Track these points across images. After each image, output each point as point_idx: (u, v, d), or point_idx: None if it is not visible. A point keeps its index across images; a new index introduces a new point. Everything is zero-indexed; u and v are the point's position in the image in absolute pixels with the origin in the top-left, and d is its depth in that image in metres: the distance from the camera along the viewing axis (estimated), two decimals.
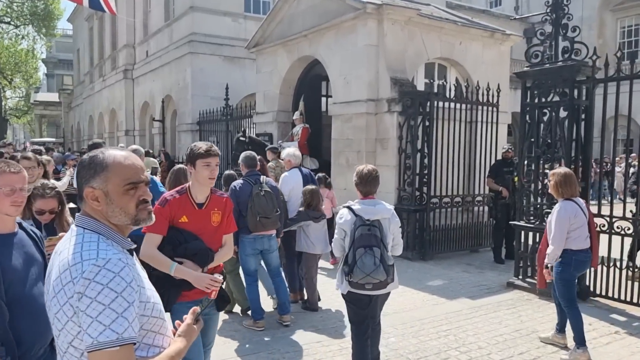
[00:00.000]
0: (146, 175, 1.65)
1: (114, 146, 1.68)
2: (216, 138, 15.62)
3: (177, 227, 3.11)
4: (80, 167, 1.62)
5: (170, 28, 19.29)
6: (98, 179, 1.57)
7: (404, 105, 8.80)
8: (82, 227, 1.58)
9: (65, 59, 55.61)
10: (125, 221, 1.61)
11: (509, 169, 8.51)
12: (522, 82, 6.96)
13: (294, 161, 6.48)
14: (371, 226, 3.71)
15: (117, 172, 1.58)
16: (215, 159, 3.13)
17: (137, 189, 1.61)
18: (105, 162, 1.58)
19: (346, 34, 9.71)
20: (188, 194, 3.18)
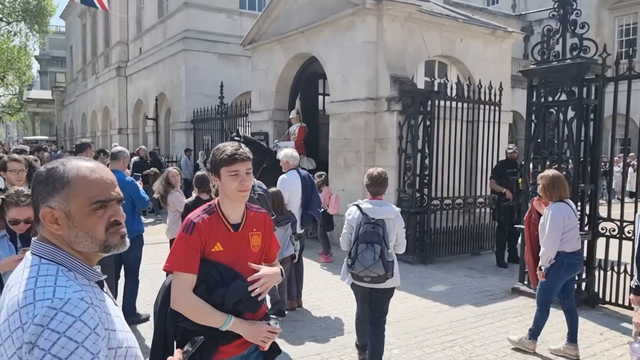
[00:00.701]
0: (118, 192, 1.37)
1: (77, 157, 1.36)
2: (211, 137, 15.33)
3: (208, 260, 2.29)
4: (35, 182, 1.34)
5: (164, 25, 18.96)
6: (57, 196, 1.29)
7: (404, 104, 8.52)
8: (39, 256, 1.30)
9: (58, 56, 55.02)
10: (92, 248, 1.33)
11: (512, 170, 8.25)
12: (528, 80, 6.70)
13: (292, 162, 6.21)
14: (375, 224, 4.05)
15: (81, 188, 1.30)
16: (244, 164, 2.30)
17: (106, 208, 1.33)
18: (66, 176, 1.30)
19: (344, 31, 9.43)
20: (219, 213, 2.35)
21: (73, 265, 1.30)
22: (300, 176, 6.14)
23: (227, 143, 2.40)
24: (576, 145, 6.22)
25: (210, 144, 15.35)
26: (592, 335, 5.41)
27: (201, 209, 2.40)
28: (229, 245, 2.33)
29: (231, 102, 14.95)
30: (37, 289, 1.20)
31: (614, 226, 6.08)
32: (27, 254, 1.34)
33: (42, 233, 1.33)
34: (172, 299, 2.24)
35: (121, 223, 1.36)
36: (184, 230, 2.29)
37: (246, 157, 2.32)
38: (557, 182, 4.79)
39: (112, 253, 1.37)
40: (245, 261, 2.33)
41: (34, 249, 1.32)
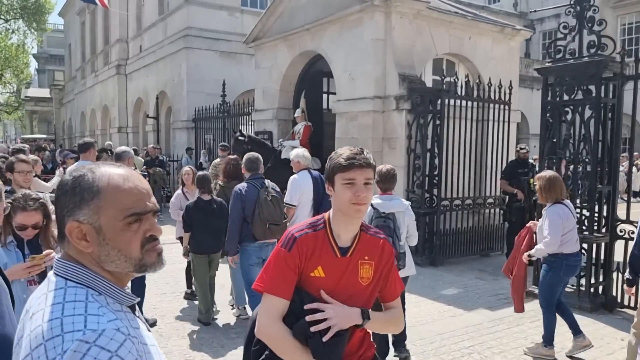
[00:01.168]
0: (154, 202, 1.20)
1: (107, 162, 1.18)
2: (212, 136, 15.14)
3: (303, 286, 1.93)
4: (60, 192, 1.17)
5: (165, 22, 18.75)
6: (86, 209, 1.12)
7: (413, 103, 8.36)
8: (64, 278, 1.13)
9: (57, 54, 54.73)
10: (125, 268, 1.16)
11: (524, 170, 8.10)
12: (544, 79, 6.54)
13: (304, 162, 6.02)
14: (386, 218, 4.29)
15: (113, 199, 1.14)
16: (363, 172, 1.87)
17: (141, 221, 1.16)
18: (95, 185, 1.14)
19: (351, 28, 9.25)
20: (327, 231, 1.96)
21: (104, 287, 1.13)
22: (311, 176, 5.96)
23: (345, 147, 1.98)
24: (594, 146, 6.07)
25: (212, 142, 15.17)
26: (613, 341, 5.26)
27: (307, 223, 2.00)
28: (332, 272, 1.91)
29: (233, 100, 14.76)
30: (65, 318, 1.03)
31: (632, 228, 5.93)
32: (49, 275, 1.17)
33: (68, 251, 1.16)
34: (257, 324, 1.90)
35: (157, 238, 1.19)
36: (282, 245, 1.92)
37: (366, 163, 1.89)
38: (554, 183, 4.76)
39: (148, 273, 1.20)
40: (348, 295, 1.91)
41: (57, 269, 1.15)
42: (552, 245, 4.62)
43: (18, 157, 4.15)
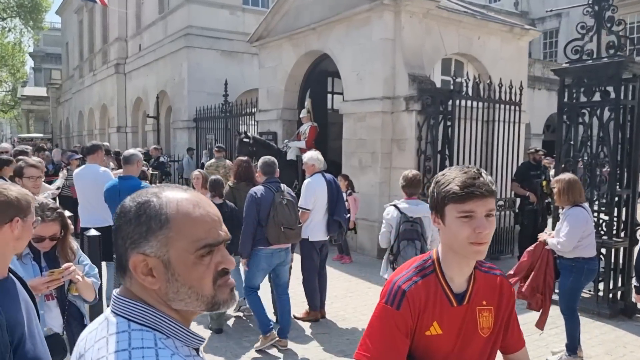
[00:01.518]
0: (225, 231, 1.05)
1: (170, 185, 1.02)
2: (214, 136, 14.97)
3: (415, 353, 1.59)
4: (122, 220, 1.01)
5: (165, 21, 18.56)
6: (154, 240, 0.97)
7: (424, 104, 8.21)
8: (126, 319, 0.98)
9: (53, 53, 54.39)
10: (196, 306, 1.00)
11: (536, 172, 7.97)
12: (560, 80, 6.41)
13: (318, 165, 5.87)
14: (413, 222, 4.45)
15: (184, 228, 0.98)
16: (486, 202, 1.48)
17: (214, 253, 1.01)
18: (164, 212, 0.98)
19: (359, 27, 9.10)
20: (438, 275, 1.59)
21: (172, 330, 0.98)
22: (325, 180, 5.81)
23: (455, 168, 1.58)
24: (613, 148, 5.94)
25: (213, 143, 14.99)
26: (636, 349, 5.13)
27: (411, 265, 1.62)
28: (450, 327, 1.55)
29: (234, 100, 14.59)
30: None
31: None
32: (107, 314, 1.01)
33: (130, 287, 1.01)
34: None
35: (229, 272, 1.04)
36: (387, 300, 1.54)
37: (488, 191, 1.48)
38: (574, 186, 4.65)
39: (220, 311, 1.04)
40: (471, 354, 1.57)
41: (118, 308, 0.99)
42: (565, 247, 4.53)
43: (27, 162, 3.95)
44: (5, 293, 1.70)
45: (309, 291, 5.83)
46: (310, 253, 5.82)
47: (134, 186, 5.23)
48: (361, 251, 9.02)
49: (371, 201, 8.82)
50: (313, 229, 5.72)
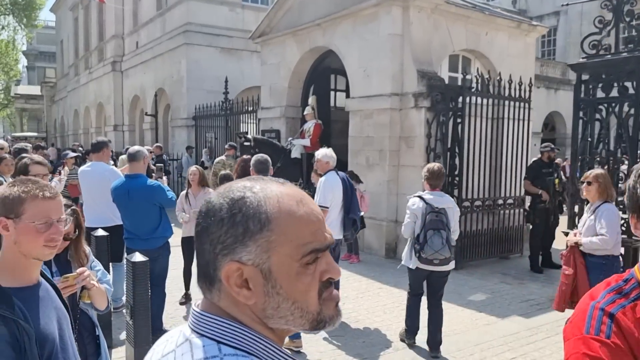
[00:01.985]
0: (330, 232, 0.88)
1: (262, 177, 0.83)
2: (214, 134, 14.77)
3: None
4: (211, 220, 0.83)
5: (163, 18, 18.32)
6: (252, 245, 0.79)
7: (433, 101, 8.06)
8: (216, 341, 0.80)
9: (47, 51, 53.98)
10: (299, 325, 0.83)
11: (548, 170, 7.83)
12: (577, 75, 6.27)
13: (332, 163, 5.71)
14: (439, 213, 4.64)
15: (288, 230, 0.81)
16: None
17: (318, 260, 0.84)
18: (264, 210, 0.81)
19: (366, 23, 8.94)
20: None
21: (271, 354, 0.81)
22: (340, 177, 5.65)
23: None
24: (633, 145, 5.81)
25: (213, 141, 14.80)
26: None
27: (609, 287, 1.22)
28: None
29: (234, 97, 14.39)
30: None
31: None
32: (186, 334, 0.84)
33: (217, 301, 0.83)
34: None
35: (333, 282, 0.87)
36: (588, 328, 1.14)
37: None
38: (609, 182, 4.58)
39: (325, 330, 0.87)
40: None
41: (202, 327, 0.82)
42: (609, 243, 4.35)
43: (32, 159, 3.73)
44: (34, 301, 1.53)
45: None
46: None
47: (142, 184, 5.04)
48: (368, 251, 8.86)
49: (379, 200, 8.66)
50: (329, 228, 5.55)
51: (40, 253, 1.59)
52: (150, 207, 5.06)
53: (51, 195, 1.64)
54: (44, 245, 1.58)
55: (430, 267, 4.66)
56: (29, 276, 1.58)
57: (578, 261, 4.44)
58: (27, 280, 1.57)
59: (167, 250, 5.26)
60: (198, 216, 0.86)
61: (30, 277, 1.58)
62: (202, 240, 0.83)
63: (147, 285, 3.88)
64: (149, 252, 4.67)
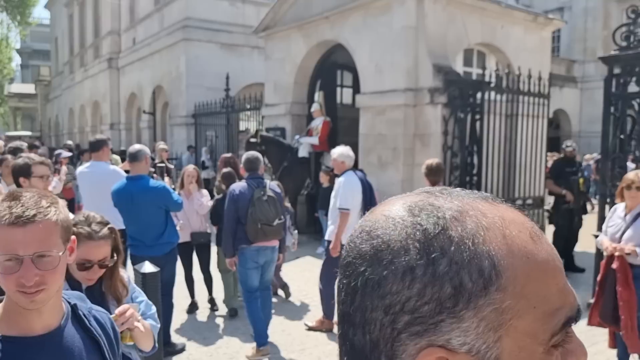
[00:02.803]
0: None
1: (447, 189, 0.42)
2: (215, 132, 14.35)
3: None
4: (378, 267, 0.49)
5: (161, 13, 17.87)
6: (471, 316, 0.46)
7: (450, 96, 7.67)
8: None
9: (41, 50, 53.40)
10: None
11: (572, 170, 7.46)
12: (609, 68, 5.90)
13: (349, 163, 5.32)
14: None
15: (529, 289, 0.47)
16: None
17: (568, 338, 0.48)
18: (485, 252, 0.46)
19: (378, 15, 8.54)
20: None
21: None
22: (358, 177, 5.28)
23: None
24: None
25: (214, 139, 14.38)
26: None
27: None
28: None
29: (234, 94, 13.98)
30: None
31: None
32: None
33: None
34: None
35: None
36: None
37: None
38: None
39: None
40: None
41: None
42: None
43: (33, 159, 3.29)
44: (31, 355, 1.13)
45: (325, 298, 5.30)
46: (335, 257, 5.28)
47: (145, 186, 4.64)
48: None
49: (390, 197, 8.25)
50: (347, 231, 5.19)
51: (17, 300, 1.15)
52: (155, 210, 4.67)
53: (16, 221, 1.11)
54: (16, 290, 1.13)
55: None
56: (27, 324, 1.16)
57: (629, 274, 4.04)
58: (26, 329, 1.16)
59: (174, 257, 4.87)
60: (347, 253, 0.53)
61: (30, 325, 1.17)
62: (365, 302, 0.51)
63: (159, 298, 3.49)
64: (154, 260, 4.27)
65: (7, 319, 1.16)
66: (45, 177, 3.08)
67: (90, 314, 1.32)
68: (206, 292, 5.99)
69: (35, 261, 1.11)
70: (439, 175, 5.03)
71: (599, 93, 27.18)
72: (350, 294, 0.52)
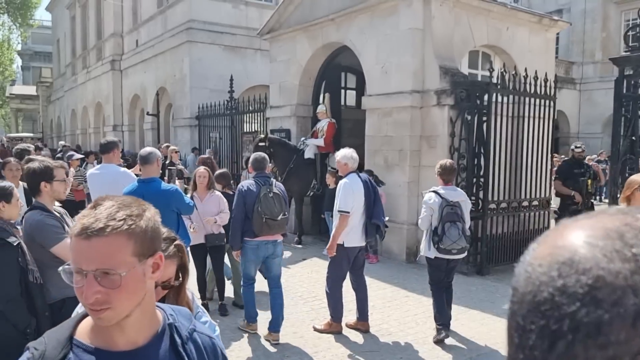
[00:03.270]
0: None
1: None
2: (219, 134, 14.33)
3: None
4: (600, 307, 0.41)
5: (165, 15, 17.89)
6: None
7: (457, 98, 7.67)
8: None
9: (42, 51, 53.44)
10: None
11: (580, 171, 7.45)
12: (620, 69, 5.91)
13: (351, 165, 5.32)
14: (454, 206, 4.97)
15: None
16: None
17: None
18: None
19: (385, 17, 8.54)
20: None
21: None
22: (361, 180, 5.25)
23: None
24: None
25: (218, 141, 14.36)
26: None
27: None
28: None
29: (237, 97, 13.96)
30: None
31: None
32: None
33: None
34: None
35: None
36: None
37: None
38: None
39: None
40: None
41: None
42: None
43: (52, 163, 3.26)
44: None
45: (332, 301, 5.30)
46: (340, 260, 5.28)
47: (157, 189, 4.62)
48: (387, 255, 8.46)
49: (398, 202, 8.27)
50: (349, 234, 5.18)
51: (89, 314, 1.13)
52: (167, 214, 4.62)
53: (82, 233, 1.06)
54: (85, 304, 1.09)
55: (448, 256, 4.96)
56: (110, 338, 1.12)
57: None
58: (110, 343, 1.12)
59: None
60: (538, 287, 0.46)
61: (112, 339, 1.12)
62: (575, 351, 0.42)
63: None
64: None
65: (95, 330, 1.12)
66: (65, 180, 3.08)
67: (191, 336, 1.22)
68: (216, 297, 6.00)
69: (98, 277, 1.04)
70: (452, 174, 5.20)
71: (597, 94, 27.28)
72: (548, 338, 0.44)
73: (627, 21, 26.86)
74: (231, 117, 13.57)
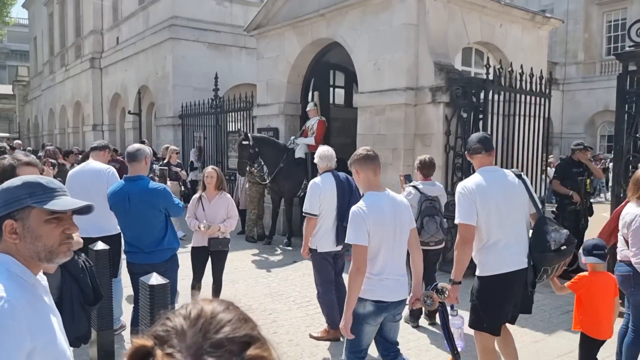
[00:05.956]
0: None
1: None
2: (203, 134, 13.96)
3: None
4: None
5: (146, 11, 17.44)
6: None
7: (453, 95, 7.46)
8: None
9: (18, 50, 52.31)
10: None
11: (579, 170, 7.29)
12: (623, 65, 5.74)
13: (323, 164, 5.07)
14: (432, 200, 5.20)
15: None
16: None
17: None
18: None
19: (377, 12, 8.30)
20: None
21: None
22: (335, 180, 4.95)
23: None
24: None
25: (202, 140, 13.99)
26: None
27: None
28: None
29: (222, 95, 13.62)
30: None
31: None
32: None
33: None
34: None
35: None
36: None
37: None
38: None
39: None
40: None
41: None
42: None
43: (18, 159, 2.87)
44: None
45: (325, 308, 5.04)
46: (320, 265, 5.02)
47: (144, 188, 4.29)
48: None
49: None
50: (321, 238, 4.89)
51: None
52: (154, 214, 4.31)
53: None
54: None
55: (426, 247, 4.93)
56: None
57: None
58: None
59: (175, 264, 4.53)
60: None
61: None
62: None
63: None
64: (154, 267, 3.96)
65: None
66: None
67: None
68: None
69: None
70: (431, 169, 5.42)
71: (580, 95, 27.53)
72: None
73: (609, 22, 27.14)
74: (216, 116, 13.22)
